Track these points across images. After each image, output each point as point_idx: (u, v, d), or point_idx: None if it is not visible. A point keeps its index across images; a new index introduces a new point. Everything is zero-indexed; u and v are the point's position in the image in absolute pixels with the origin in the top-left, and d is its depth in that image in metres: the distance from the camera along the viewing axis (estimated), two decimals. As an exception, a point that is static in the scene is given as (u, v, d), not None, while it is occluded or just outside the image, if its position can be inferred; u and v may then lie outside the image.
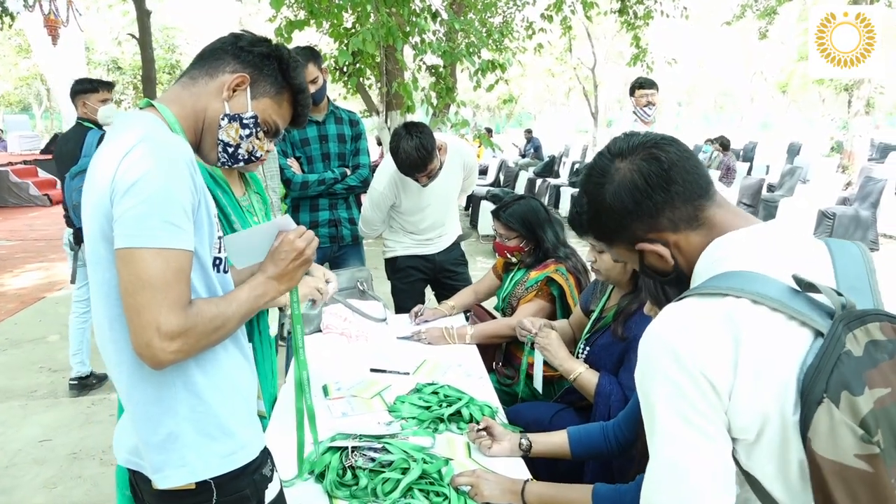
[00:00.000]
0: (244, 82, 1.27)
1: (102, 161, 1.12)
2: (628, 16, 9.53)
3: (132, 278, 1.05)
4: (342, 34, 6.86)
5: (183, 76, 1.29)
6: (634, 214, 1.02)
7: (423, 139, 2.94)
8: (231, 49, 1.28)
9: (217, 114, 1.27)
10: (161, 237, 1.06)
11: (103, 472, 3.21)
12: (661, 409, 0.91)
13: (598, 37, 22.64)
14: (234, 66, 1.27)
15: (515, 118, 36.17)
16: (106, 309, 1.15)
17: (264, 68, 1.29)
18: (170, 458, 1.17)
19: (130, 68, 20.04)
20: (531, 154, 16.84)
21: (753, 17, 14.40)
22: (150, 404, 1.17)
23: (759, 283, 0.90)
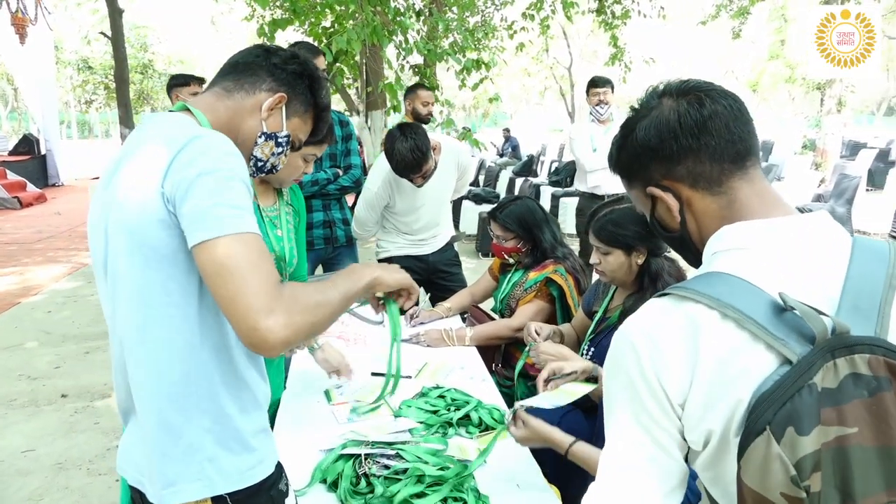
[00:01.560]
0: (282, 102, 1.29)
1: (147, 163, 1.09)
2: (606, 15, 9.58)
3: (219, 269, 1.01)
4: (321, 34, 6.81)
5: (214, 85, 1.28)
6: (656, 152, 0.96)
7: (418, 140, 2.92)
8: (266, 65, 1.28)
9: (253, 131, 1.27)
10: (236, 223, 1.03)
11: (91, 482, 3.12)
12: (618, 404, 0.90)
13: (573, 36, 22.78)
14: (270, 84, 1.28)
15: (491, 118, 36.25)
16: (139, 313, 1.12)
17: (297, 87, 1.31)
18: (186, 471, 1.14)
19: (101, 68, 19.67)
20: (509, 153, 16.90)
21: (727, 17, 14.59)
22: (174, 413, 1.13)
23: (739, 294, 0.83)
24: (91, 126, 42.42)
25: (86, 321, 5.71)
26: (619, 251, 2.06)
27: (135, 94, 18.46)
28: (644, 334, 0.87)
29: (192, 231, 1.03)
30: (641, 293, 2.08)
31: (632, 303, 2.09)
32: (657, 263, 2.06)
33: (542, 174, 13.28)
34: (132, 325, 1.13)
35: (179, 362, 1.12)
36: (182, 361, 1.12)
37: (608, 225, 2.07)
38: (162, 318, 1.10)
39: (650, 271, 2.05)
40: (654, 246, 2.05)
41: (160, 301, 1.10)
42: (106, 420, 3.76)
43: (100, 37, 17.95)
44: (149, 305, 1.10)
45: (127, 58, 11.50)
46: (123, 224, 1.10)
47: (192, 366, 1.13)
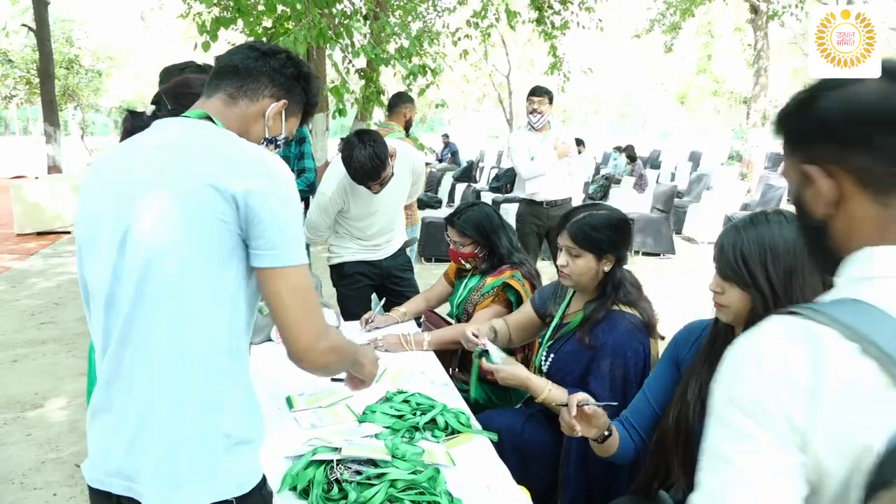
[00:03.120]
0: (285, 107, 1.34)
1: (207, 168, 1.14)
2: (545, 25, 9.77)
3: (289, 293, 1.16)
4: (262, 34, 6.69)
5: (216, 90, 1.30)
6: (833, 132, 0.80)
7: (376, 148, 2.90)
8: (266, 70, 1.31)
9: (258, 136, 1.33)
10: (303, 254, 1.18)
11: (25, 496, 2.97)
12: (731, 423, 0.79)
13: (511, 44, 23.12)
14: (271, 90, 1.32)
15: (428, 123, 36.33)
16: (178, 314, 1.13)
17: (293, 90, 1.36)
18: (198, 475, 1.15)
19: (23, 61, 18.71)
20: (448, 159, 16.99)
21: (660, 32, 15.11)
22: (193, 414, 1.15)
23: (887, 333, 0.73)
24: (8, 122, 40.29)
25: (11, 328, 5.42)
26: (591, 255, 2.06)
27: (60, 90, 17.63)
28: (767, 353, 0.77)
29: (267, 254, 1.15)
30: (603, 300, 2.10)
31: (592, 310, 2.11)
32: (621, 272, 2.10)
33: (481, 180, 13.42)
34: (164, 325, 1.13)
35: (207, 363, 1.16)
36: (210, 362, 1.15)
37: (585, 227, 2.06)
38: (202, 321, 1.15)
39: (614, 279, 2.08)
40: (622, 255, 2.10)
41: (204, 304, 1.14)
42: (39, 431, 3.58)
43: (20, 29, 17.08)
44: (191, 306, 1.13)
45: (52, 52, 10.97)
46: (174, 226, 1.12)
47: (216, 368, 1.16)
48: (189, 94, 1.80)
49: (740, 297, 1.48)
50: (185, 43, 19.48)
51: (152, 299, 1.13)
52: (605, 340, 2.03)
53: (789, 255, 1.44)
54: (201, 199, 1.12)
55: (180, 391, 1.14)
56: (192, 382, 1.14)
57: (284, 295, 1.15)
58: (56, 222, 9.59)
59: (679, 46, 17.45)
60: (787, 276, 1.43)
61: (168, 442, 1.14)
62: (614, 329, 2.03)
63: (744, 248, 1.47)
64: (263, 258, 1.14)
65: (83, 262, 1.23)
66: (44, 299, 6.28)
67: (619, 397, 1.97)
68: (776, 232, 1.46)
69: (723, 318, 1.56)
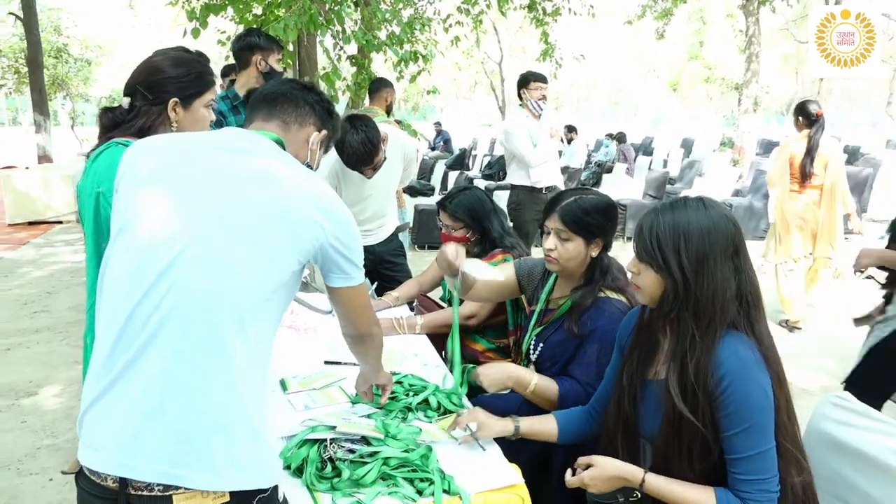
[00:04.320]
0: (323, 140, 1.51)
1: (300, 213, 1.29)
2: (537, 12, 9.74)
3: (357, 301, 1.51)
4: (252, 21, 6.66)
5: (272, 117, 1.45)
6: None
7: (369, 133, 2.91)
8: (310, 101, 1.48)
9: (302, 160, 1.48)
10: (360, 275, 1.45)
11: (21, 482, 2.98)
12: None
13: (503, 31, 23.05)
14: (314, 119, 1.49)
15: (421, 111, 36.24)
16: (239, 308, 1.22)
17: (327, 123, 1.52)
18: (256, 463, 1.22)
19: (11, 50, 18.52)
20: (440, 147, 16.96)
21: (652, 18, 15.09)
22: (251, 407, 1.22)
23: None
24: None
25: (4, 317, 5.42)
26: (581, 239, 2.04)
27: (49, 80, 17.49)
28: None
29: (337, 276, 1.41)
30: (591, 286, 2.08)
31: (579, 297, 2.08)
32: (608, 258, 2.12)
33: (474, 168, 13.43)
34: (236, 317, 1.21)
35: (265, 355, 1.31)
36: (265, 355, 1.31)
37: (577, 211, 2.03)
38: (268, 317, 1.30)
39: (601, 265, 2.08)
40: (609, 241, 2.10)
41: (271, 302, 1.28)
42: (34, 418, 3.59)
43: (7, 18, 16.89)
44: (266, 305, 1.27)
45: (41, 41, 10.88)
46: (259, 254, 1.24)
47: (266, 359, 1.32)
48: (164, 80, 1.82)
49: (654, 280, 1.52)
50: (174, 31, 19.28)
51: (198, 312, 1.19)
52: (593, 327, 2.03)
53: (703, 241, 1.46)
54: (292, 227, 1.27)
55: (238, 385, 1.20)
56: (253, 378, 1.25)
57: (355, 303, 1.49)
58: (47, 212, 9.54)
59: (671, 33, 17.45)
60: (699, 262, 1.46)
61: (226, 429, 1.18)
62: (602, 315, 2.03)
63: (659, 232, 1.49)
64: (338, 280, 1.41)
65: (122, 246, 1.23)
66: (36, 288, 6.27)
67: None
68: (692, 217, 1.48)
69: (640, 299, 1.62)
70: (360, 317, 1.53)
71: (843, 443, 1.66)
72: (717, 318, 1.48)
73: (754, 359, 1.47)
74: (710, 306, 1.47)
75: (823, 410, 1.72)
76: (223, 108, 3.33)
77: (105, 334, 1.20)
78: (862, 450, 1.62)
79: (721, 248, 1.48)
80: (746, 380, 1.45)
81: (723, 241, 1.48)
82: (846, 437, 1.66)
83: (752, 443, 1.45)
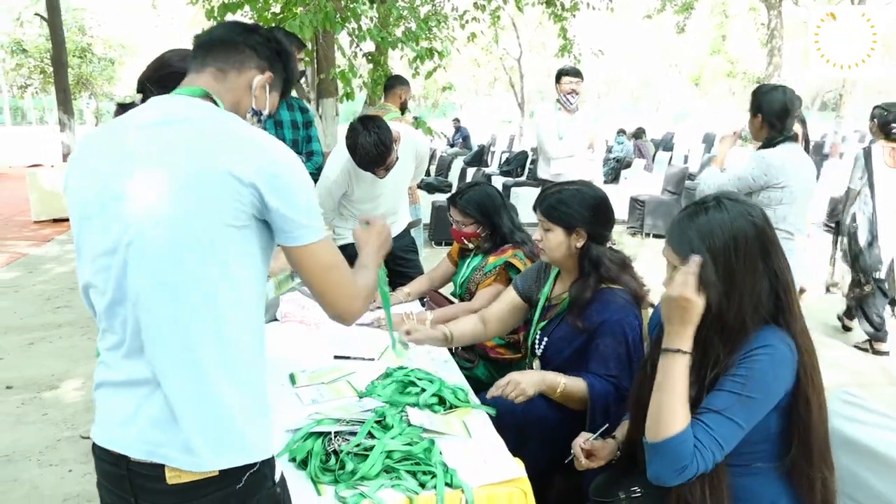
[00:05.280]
0: (269, 81, 1.37)
1: (227, 166, 1.15)
2: (555, 7, 9.70)
3: (327, 266, 1.28)
4: (270, 19, 6.70)
5: (205, 66, 1.31)
6: None
7: (381, 134, 2.92)
8: (250, 43, 1.34)
9: (246, 108, 1.36)
10: (321, 230, 1.27)
11: (41, 473, 3.05)
12: None
13: (522, 27, 22.96)
14: (256, 62, 1.35)
15: (440, 108, 36.23)
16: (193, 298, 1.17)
17: (275, 65, 1.38)
18: (235, 440, 1.20)
19: (37, 51, 18.85)
20: (459, 143, 16.97)
21: (672, 12, 14.93)
22: (230, 389, 1.19)
23: None
24: (25, 112, 40.61)
25: (28, 312, 5.53)
26: (560, 229, 2.10)
27: (73, 79, 17.76)
28: None
29: (290, 234, 1.22)
30: (584, 279, 2.10)
31: (577, 292, 2.10)
32: (598, 250, 2.10)
33: (492, 164, 13.41)
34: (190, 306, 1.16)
35: (248, 332, 1.23)
36: (249, 330, 1.23)
37: (554, 202, 2.11)
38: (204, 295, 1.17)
39: (590, 256, 2.09)
40: (597, 232, 2.10)
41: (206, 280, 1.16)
42: (55, 411, 3.66)
43: (34, 19, 17.18)
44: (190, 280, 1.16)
45: (65, 41, 11.07)
46: (191, 229, 1.15)
47: (251, 336, 1.23)
48: (172, 74, 1.82)
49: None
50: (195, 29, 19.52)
51: (147, 271, 1.16)
52: (600, 320, 2.04)
53: (728, 254, 1.44)
54: (214, 182, 1.15)
55: (207, 369, 1.17)
56: (232, 354, 1.20)
57: (314, 270, 1.27)
58: (71, 209, 9.70)
59: (693, 27, 17.26)
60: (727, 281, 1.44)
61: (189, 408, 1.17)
62: (607, 308, 2.04)
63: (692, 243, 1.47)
64: (288, 238, 1.23)
65: (79, 233, 1.26)
66: (59, 284, 6.39)
67: (626, 373, 2.00)
68: (715, 224, 1.46)
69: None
70: (326, 288, 1.29)
71: (853, 440, 1.64)
72: (746, 331, 1.44)
73: (789, 352, 1.43)
74: (740, 321, 1.44)
75: (833, 407, 1.69)
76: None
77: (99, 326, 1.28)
78: (872, 447, 1.60)
79: (749, 254, 1.44)
80: (774, 363, 1.41)
81: (748, 244, 1.44)
82: (856, 434, 1.64)
83: (737, 409, 1.40)
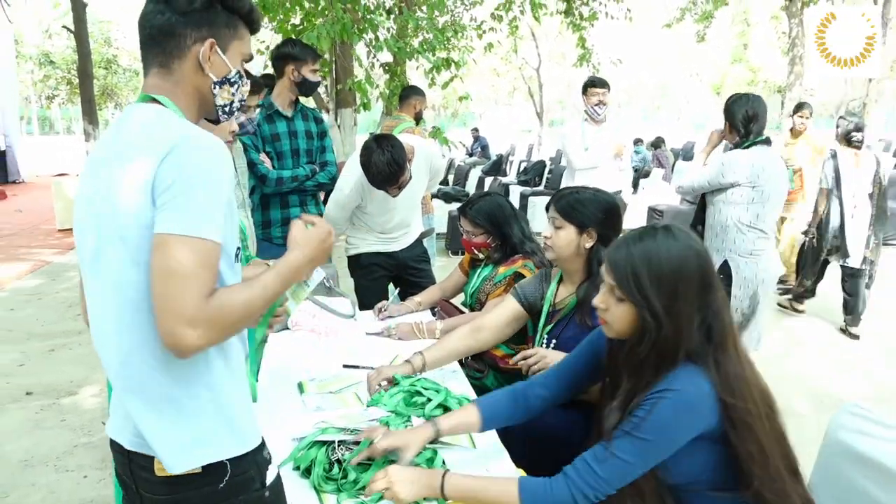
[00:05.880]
0: (213, 46, 1.25)
1: (133, 161, 1.11)
2: (574, 17, 9.71)
3: (162, 265, 1.06)
4: (290, 31, 6.79)
5: (150, 66, 1.25)
6: None
7: (394, 153, 2.94)
8: (175, 19, 1.22)
9: (207, 87, 1.27)
10: (198, 227, 1.07)
11: (59, 479, 3.10)
12: None
13: (541, 37, 22.99)
14: (193, 35, 1.23)
15: (460, 118, 36.33)
16: (122, 300, 1.15)
17: (215, 18, 1.25)
18: (188, 439, 1.17)
19: (64, 62, 19.26)
20: (478, 153, 16.99)
21: (692, 21, 14.86)
22: (173, 385, 1.16)
23: None
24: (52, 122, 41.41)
25: (50, 319, 5.62)
26: (573, 227, 2.15)
27: (99, 90, 18.12)
28: None
29: (158, 221, 1.07)
30: (592, 279, 2.15)
31: (585, 290, 2.14)
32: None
33: (511, 174, 13.40)
34: (117, 310, 1.16)
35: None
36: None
37: (572, 200, 2.17)
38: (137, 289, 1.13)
39: (599, 258, 2.10)
40: (606, 235, 2.13)
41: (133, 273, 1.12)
42: (73, 417, 3.72)
43: (61, 31, 17.54)
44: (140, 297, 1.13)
45: (91, 52, 11.29)
46: (118, 231, 1.12)
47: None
48: None
49: (629, 315, 1.49)
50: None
51: (110, 294, 1.16)
52: None
53: (674, 277, 1.43)
54: (136, 212, 1.10)
55: (152, 368, 1.15)
56: (162, 361, 1.15)
57: (157, 265, 1.06)
58: (94, 218, 9.87)
59: (713, 35, 17.14)
60: (670, 301, 1.43)
61: (160, 417, 1.17)
62: None
63: (636, 266, 1.46)
64: (156, 226, 1.08)
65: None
66: (81, 292, 6.48)
67: None
68: (663, 250, 1.45)
69: (607, 333, 1.60)
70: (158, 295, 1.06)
71: (861, 454, 1.61)
72: (676, 361, 1.44)
73: (696, 396, 1.40)
74: (673, 350, 1.43)
75: (840, 420, 1.67)
76: (258, 118, 3.42)
77: None
78: (881, 461, 1.58)
79: (690, 285, 1.43)
80: (676, 408, 1.39)
81: (691, 276, 1.44)
82: (864, 449, 1.61)
83: (626, 447, 1.40)
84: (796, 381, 4.14)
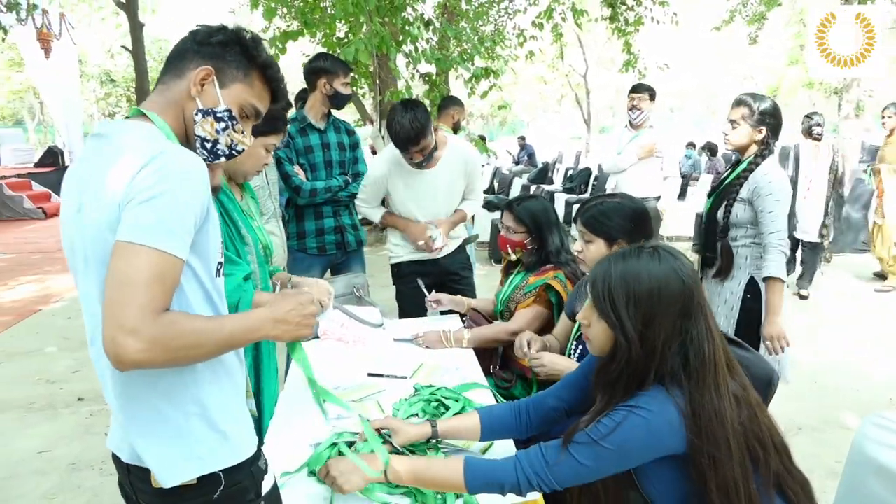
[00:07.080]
0: (209, 75, 1.28)
1: (112, 175, 1.12)
2: (619, 22, 9.61)
3: (116, 272, 1.05)
4: (335, 44, 6.92)
5: (158, 84, 1.30)
6: None
7: (417, 113, 3.00)
8: (192, 46, 1.29)
9: (191, 111, 1.29)
10: (158, 239, 1.07)
11: (103, 482, 3.21)
12: None
13: (589, 44, 22.80)
14: (196, 62, 1.28)
15: (508, 126, 36.27)
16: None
17: (227, 56, 1.29)
18: (178, 453, 1.20)
19: (124, 80, 20.05)
20: (525, 161, 16.91)
21: (742, 23, 14.51)
22: (160, 400, 1.19)
23: None
24: (115, 138, 43.03)
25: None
26: (602, 240, 2.15)
27: (156, 106, 18.79)
28: None
29: (120, 229, 1.08)
30: None
31: None
32: None
33: (557, 181, 13.29)
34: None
35: None
36: None
37: (596, 214, 2.17)
38: None
39: None
40: (637, 242, 2.10)
41: None
42: (119, 422, 3.85)
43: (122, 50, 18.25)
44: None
45: (148, 70, 11.72)
46: (103, 245, 1.13)
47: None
48: None
49: (606, 334, 1.48)
50: (270, 56, 20.26)
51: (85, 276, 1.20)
52: None
53: (651, 300, 1.40)
54: (104, 223, 1.12)
55: (139, 380, 1.18)
56: (148, 374, 1.18)
57: (111, 272, 1.06)
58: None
59: (767, 37, 16.70)
60: (645, 325, 1.40)
61: (147, 429, 1.20)
62: None
63: (612, 287, 1.44)
64: (117, 234, 1.08)
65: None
66: (134, 301, 6.71)
67: None
68: (643, 272, 1.43)
69: (590, 349, 1.59)
70: (107, 301, 1.05)
71: (885, 467, 1.55)
72: (645, 383, 1.41)
73: (666, 426, 1.36)
74: (643, 371, 1.41)
75: (865, 431, 1.61)
76: (291, 131, 3.49)
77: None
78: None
79: (668, 309, 1.40)
80: (647, 428, 1.35)
81: (670, 300, 1.40)
82: (889, 461, 1.55)
83: (584, 450, 1.38)
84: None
